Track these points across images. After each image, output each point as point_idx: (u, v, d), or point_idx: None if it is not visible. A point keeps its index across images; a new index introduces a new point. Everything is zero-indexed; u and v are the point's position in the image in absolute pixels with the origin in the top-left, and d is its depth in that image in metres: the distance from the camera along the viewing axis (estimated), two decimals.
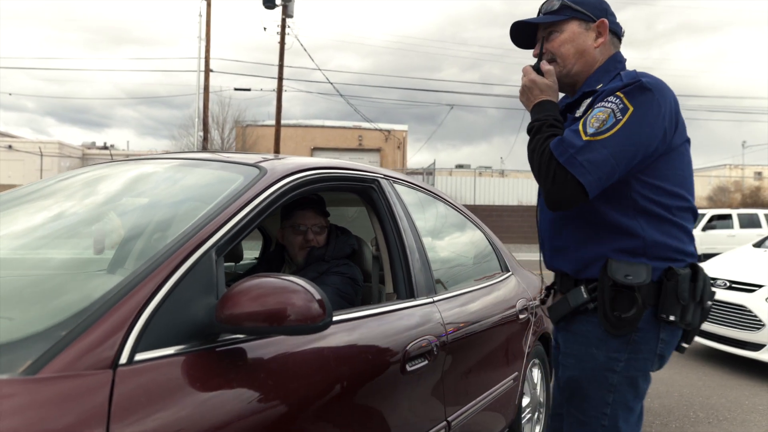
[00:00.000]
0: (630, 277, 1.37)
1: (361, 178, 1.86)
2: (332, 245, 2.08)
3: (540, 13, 1.58)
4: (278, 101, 21.99)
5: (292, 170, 1.55)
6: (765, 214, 15.61)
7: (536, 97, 1.48)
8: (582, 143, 1.31)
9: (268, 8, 21.90)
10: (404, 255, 1.82)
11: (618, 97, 1.34)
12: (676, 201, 1.42)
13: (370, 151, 29.97)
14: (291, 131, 29.07)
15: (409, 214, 1.96)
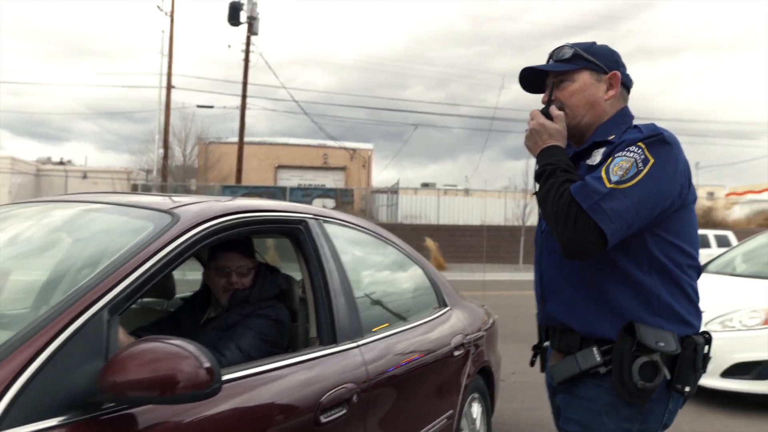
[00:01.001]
0: (662, 344, 1.30)
1: (286, 220, 1.84)
2: (258, 286, 2.04)
3: (551, 59, 1.55)
4: (242, 118, 21.84)
5: (207, 216, 1.52)
6: (714, 235, 16.20)
7: (545, 141, 1.43)
8: (606, 190, 1.27)
9: (233, 25, 21.87)
10: (328, 299, 1.80)
11: (640, 148, 1.32)
12: (687, 259, 1.40)
13: (335, 170, 29.97)
14: (255, 149, 28.85)
15: (337, 255, 1.94)
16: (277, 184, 28.45)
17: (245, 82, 21.54)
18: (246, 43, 21.66)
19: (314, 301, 1.81)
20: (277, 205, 1.90)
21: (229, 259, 2.02)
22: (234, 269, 2.01)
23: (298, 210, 1.93)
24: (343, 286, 1.88)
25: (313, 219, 1.95)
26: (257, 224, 1.72)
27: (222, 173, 27.49)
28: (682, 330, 1.36)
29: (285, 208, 1.90)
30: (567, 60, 1.50)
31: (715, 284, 5.26)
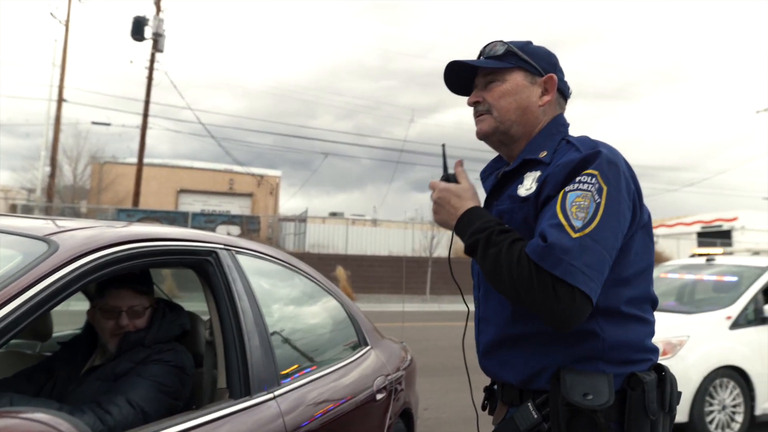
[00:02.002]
0: (590, 397, 1.12)
1: (193, 251, 1.58)
2: (156, 326, 1.74)
3: (482, 56, 1.36)
4: (142, 138, 20.63)
5: (95, 245, 1.24)
6: None
7: (456, 208, 1.25)
8: (573, 243, 1.08)
9: (136, 41, 20.82)
10: (241, 342, 1.56)
11: (592, 176, 1.15)
12: (636, 290, 1.23)
13: (241, 196, 29.03)
14: (156, 171, 27.33)
15: (251, 291, 1.70)
16: (179, 208, 27.06)
17: (147, 101, 20.45)
18: (150, 60, 20.65)
19: (224, 344, 1.55)
20: (183, 233, 1.63)
21: (119, 298, 1.70)
22: (125, 309, 1.70)
23: (207, 239, 1.68)
24: (258, 327, 1.64)
25: (224, 249, 1.70)
26: (158, 256, 1.45)
27: (117, 195, 25.70)
28: (626, 370, 1.19)
29: (192, 236, 1.64)
30: (499, 57, 1.33)
31: None
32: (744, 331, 4.84)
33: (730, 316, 4.86)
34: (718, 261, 6.05)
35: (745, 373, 4.68)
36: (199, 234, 1.69)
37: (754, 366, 4.72)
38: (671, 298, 6.23)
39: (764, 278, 5.23)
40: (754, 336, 4.86)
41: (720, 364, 4.57)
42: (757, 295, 5.06)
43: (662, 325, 4.90)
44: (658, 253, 30.89)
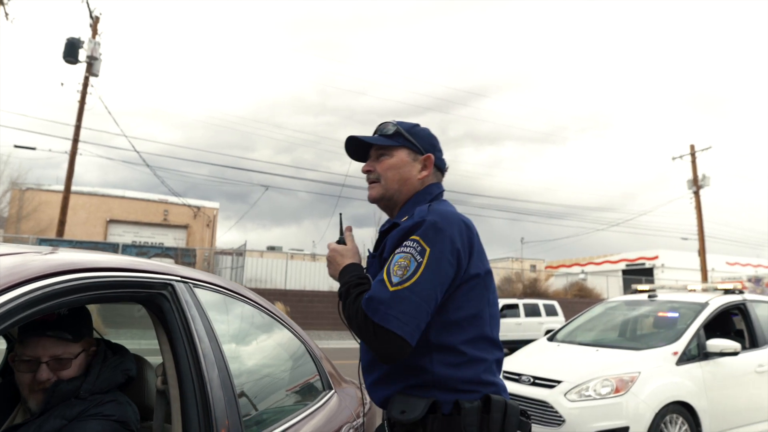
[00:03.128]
0: (405, 412, 1.35)
1: (144, 283, 1.34)
2: (93, 374, 1.46)
3: (376, 133, 1.64)
4: (70, 164, 19.51)
5: (17, 279, 1.00)
6: (543, 304, 17.66)
7: (339, 264, 1.52)
8: (389, 295, 1.32)
9: (69, 63, 19.89)
10: (202, 393, 1.32)
11: (415, 241, 1.38)
12: (469, 332, 1.43)
13: (176, 228, 27.88)
14: (84, 199, 25.89)
15: (213, 332, 1.48)
16: (107, 239, 25.62)
17: (78, 125, 19.45)
18: (83, 84, 19.74)
19: (181, 394, 1.31)
20: (132, 262, 1.39)
21: (38, 347, 1.40)
22: (46, 360, 1.41)
23: (162, 270, 1.45)
24: (221, 372, 1.41)
25: (181, 282, 1.48)
26: (101, 289, 1.21)
27: (39, 225, 24.07)
28: (453, 397, 1.39)
29: (143, 266, 1.41)
30: (389, 135, 1.61)
31: (567, 353, 5.48)
32: (689, 367, 4.93)
33: (677, 352, 4.94)
34: (660, 297, 6.22)
35: (692, 408, 4.74)
36: (152, 264, 1.45)
37: (699, 401, 4.80)
38: (615, 333, 6.33)
39: (705, 314, 5.39)
40: (698, 371, 4.96)
41: (669, 400, 4.60)
42: (699, 331, 5.20)
43: (613, 361, 4.96)
44: (589, 290, 32.06)
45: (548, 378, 4.87)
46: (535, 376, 5.00)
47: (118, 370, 1.51)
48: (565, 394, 4.63)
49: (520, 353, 5.89)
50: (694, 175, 29.71)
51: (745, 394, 5.20)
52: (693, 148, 29.61)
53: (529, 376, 5.04)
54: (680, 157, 30.37)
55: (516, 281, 30.18)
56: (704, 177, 29.68)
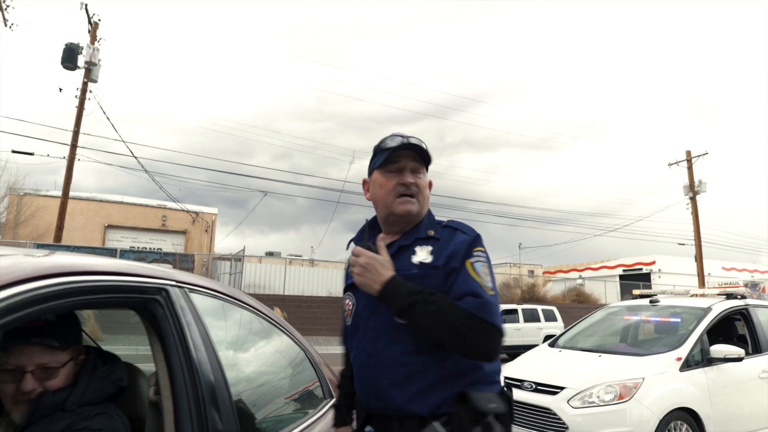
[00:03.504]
0: (493, 405, 1.43)
1: (137, 288, 1.28)
2: (82, 385, 1.38)
3: (412, 143, 1.60)
4: (68, 170, 19.43)
5: (5, 281, 0.94)
6: (542, 310, 17.59)
7: (381, 274, 1.50)
8: (492, 298, 1.46)
9: (67, 69, 19.85)
10: (197, 404, 1.25)
11: (483, 251, 1.54)
12: None
13: (174, 233, 27.78)
14: (82, 205, 25.78)
15: (209, 340, 1.41)
16: (106, 245, 25.50)
17: (77, 131, 19.40)
18: (82, 90, 19.69)
19: (175, 406, 1.25)
20: (125, 266, 1.33)
21: (23, 355, 1.33)
22: (32, 369, 1.34)
23: (156, 274, 1.39)
24: (218, 383, 1.34)
25: (176, 287, 1.41)
26: (92, 294, 1.15)
27: (37, 230, 23.96)
28: (496, 389, 1.53)
29: (136, 270, 1.35)
30: (427, 153, 1.63)
31: (569, 359, 5.42)
32: (693, 373, 4.87)
33: (680, 358, 4.88)
34: (662, 302, 6.16)
35: (696, 414, 4.68)
36: (146, 268, 1.39)
37: (703, 407, 4.73)
38: (616, 338, 6.27)
39: (708, 319, 5.33)
40: (702, 377, 4.89)
41: (674, 406, 4.54)
42: (702, 337, 5.14)
43: (616, 367, 4.90)
44: (587, 295, 31.99)
45: (551, 384, 4.81)
46: (537, 382, 4.93)
47: (108, 380, 1.44)
48: (569, 401, 4.57)
49: (521, 359, 5.82)
50: (690, 181, 29.72)
51: (749, 400, 5.14)
52: (689, 154, 29.64)
53: (531, 382, 4.98)
54: (677, 163, 30.40)
55: (514, 287, 30.08)
56: (700, 183, 29.70)
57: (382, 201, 1.60)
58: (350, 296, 1.64)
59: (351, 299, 1.63)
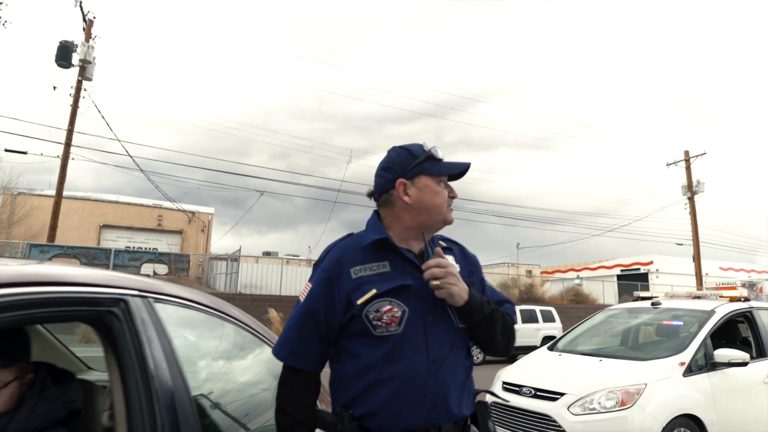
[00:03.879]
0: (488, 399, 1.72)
1: (90, 299, 1.13)
2: (26, 408, 1.23)
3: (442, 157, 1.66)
4: (62, 169, 19.24)
5: None
6: (540, 310, 17.45)
7: (464, 284, 1.55)
8: None
9: (62, 67, 19.65)
10: (154, 430, 1.10)
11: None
12: None
13: (170, 233, 27.58)
14: (77, 204, 25.59)
15: (174, 356, 1.26)
16: (101, 245, 25.31)
17: (71, 129, 19.20)
18: (76, 88, 19.49)
19: None
20: (79, 274, 1.18)
21: None
22: None
23: (115, 282, 1.23)
24: (182, 406, 1.19)
25: (138, 297, 1.26)
26: (37, 307, 1.01)
27: (32, 229, 23.77)
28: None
29: (92, 279, 1.19)
30: None
31: (569, 364, 5.27)
32: (696, 378, 4.72)
33: (684, 362, 4.74)
34: (664, 305, 6.01)
35: (700, 421, 4.54)
36: (103, 276, 1.23)
37: (708, 414, 4.59)
38: (618, 342, 6.13)
39: (711, 322, 5.19)
40: (706, 382, 4.75)
41: (677, 413, 4.40)
42: (706, 340, 5.00)
43: (618, 372, 4.74)
44: (585, 295, 31.90)
45: (550, 390, 4.66)
46: (536, 387, 4.79)
47: (58, 402, 1.28)
48: (569, 407, 4.42)
49: (519, 363, 5.67)
50: (688, 181, 29.64)
51: (754, 406, 5.00)
52: (687, 154, 29.57)
53: (530, 387, 4.83)
54: (675, 163, 30.32)
55: (512, 287, 29.95)
56: (699, 183, 29.63)
57: (436, 208, 1.59)
58: (394, 302, 1.50)
59: (397, 305, 1.50)
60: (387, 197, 1.60)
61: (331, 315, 1.49)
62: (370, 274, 1.51)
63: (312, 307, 1.50)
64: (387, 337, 1.48)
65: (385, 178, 1.60)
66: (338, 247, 1.57)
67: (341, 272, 1.51)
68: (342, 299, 1.49)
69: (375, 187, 1.65)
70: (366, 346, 1.48)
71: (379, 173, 1.64)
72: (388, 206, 1.61)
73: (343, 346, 1.51)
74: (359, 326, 1.48)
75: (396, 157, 1.61)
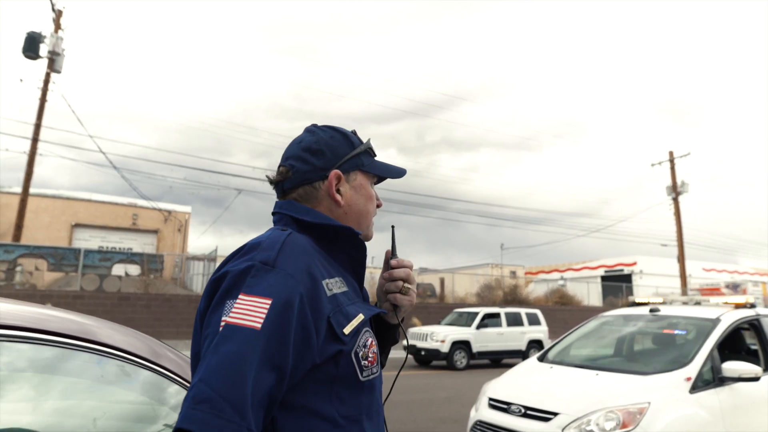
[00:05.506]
0: None
1: None
2: None
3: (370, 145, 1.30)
4: (29, 165, 18.44)
5: None
6: (526, 313, 17.05)
7: None
8: None
9: (29, 58, 18.85)
10: None
11: None
12: None
13: (145, 232, 26.75)
14: (48, 202, 24.67)
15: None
16: (73, 244, 24.42)
17: (38, 124, 18.39)
18: (44, 81, 18.69)
19: None
20: None
21: None
22: None
23: None
24: None
25: None
26: None
27: (0, 228, 22.82)
28: None
29: None
30: None
31: (562, 378, 4.78)
32: (704, 395, 4.25)
33: (690, 378, 4.27)
34: (663, 311, 5.55)
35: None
36: None
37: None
38: (614, 353, 5.66)
39: (717, 332, 4.73)
40: (714, 399, 4.28)
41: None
42: (713, 352, 4.54)
43: (617, 388, 4.21)
44: (570, 296, 31.70)
45: (542, 409, 4.16)
46: (526, 406, 4.29)
47: None
48: (563, 429, 3.93)
49: (507, 377, 5.16)
50: (673, 182, 29.59)
51: (766, 422, 4.55)
52: (672, 154, 29.52)
53: (519, 405, 4.33)
54: (659, 164, 30.25)
55: (496, 288, 29.63)
56: (683, 183, 29.60)
57: (366, 217, 1.24)
58: (371, 333, 1.11)
59: (372, 337, 1.11)
60: (309, 190, 1.18)
61: (301, 357, 0.94)
62: (340, 293, 1.07)
63: (278, 349, 0.90)
64: (371, 382, 1.07)
65: (312, 165, 1.17)
66: (297, 244, 1.03)
67: (317, 287, 1.00)
68: (321, 328, 0.98)
69: (293, 173, 1.18)
70: (340, 400, 1.00)
71: (301, 155, 1.18)
72: (307, 202, 1.18)
73: (296, 406, 0.96)
74: (344, 370, 1.01)
75: (328, 139, 1.21)
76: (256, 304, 0.90)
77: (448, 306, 23.05)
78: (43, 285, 17.77)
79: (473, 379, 12.14)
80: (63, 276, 18.47)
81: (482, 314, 15.99)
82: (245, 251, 1.02)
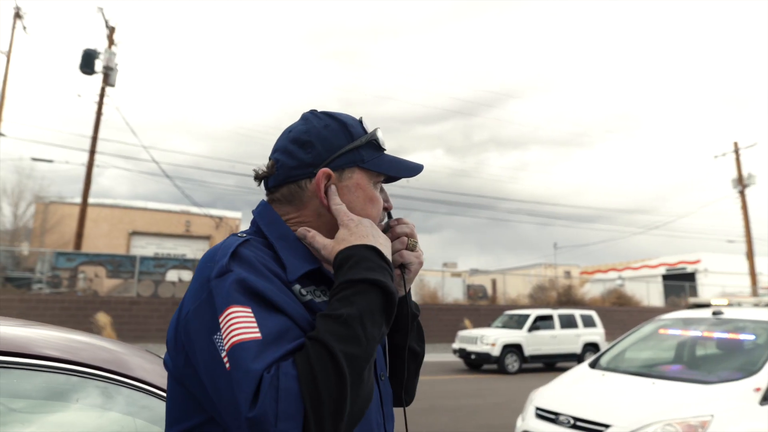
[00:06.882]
0: None
1: None
2: None
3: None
4: (87, 176, 19.26)
5: None
6: (580, 315, 16.39)
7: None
8: None
9: (85, 74, 19.69)
10: None
11: None
12: None
13: (198, 239, 27.51)
14: (106, 212, 25.74)
15: None
16: (130, 252, 25.37)
17: (95, 136, 19.18)
18: (100, 95, 19.48)
19: None
20: None
21: None
22: None
23: None
24: None
25: None
26: None
27: (63, 237, 23.98)
28: None
29: None
30: None
31: (615, 386, 4.44)
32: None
33: (759, 388, 3.86)
34: (727, 314, 5.10)
35: None
36: None
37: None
38: (669, 357, 5.25)
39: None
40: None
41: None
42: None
43: (676, 399, 3.85)
44: (628, 297, 30.39)
45: (593, 421, 3.86)
46: (576, 417, 3.99)
47: None
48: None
49: (555, 384, 4.86)
50: (738, 174, 27.97)
51: None
52: (737, 145, 27.91)
53: (568, 416, 4.04)
54: (723, 155, 28.65)
55: (550, 289, 28.77)
56: (750, 175, 27.93)
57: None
58: None
59: None
60: (294, 190, 0.99)
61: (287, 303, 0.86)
62: (322, 301, 0.93)
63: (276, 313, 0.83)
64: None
65: (298, 159, 0.99)
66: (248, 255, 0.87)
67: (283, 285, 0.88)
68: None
69: (277, 169, 1.00)
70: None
71: (287, 147, 1.01)
72: (291, 203, 1.00)
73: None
74: None
75: (321, 129, 1.01)
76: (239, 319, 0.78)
77: (500, 308, 22.54)
78: (103, 291, 18.49)
79: (525, 383, 11.72)
80: (122, 282, 19.16)
81: (534, 316, 15.49)
82: (201, 268, 0.88)
